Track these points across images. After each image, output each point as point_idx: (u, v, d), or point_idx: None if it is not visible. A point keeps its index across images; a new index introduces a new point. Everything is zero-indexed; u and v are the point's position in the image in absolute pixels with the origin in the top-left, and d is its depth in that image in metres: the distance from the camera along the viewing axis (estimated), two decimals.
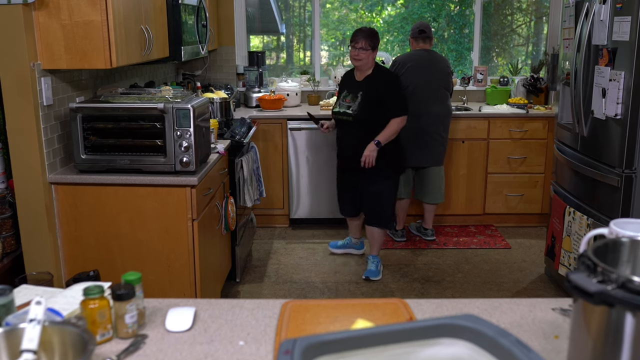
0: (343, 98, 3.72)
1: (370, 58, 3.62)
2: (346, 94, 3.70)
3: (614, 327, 1.00)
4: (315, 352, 1.01)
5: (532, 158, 4.77)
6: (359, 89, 3.64)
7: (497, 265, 4.17)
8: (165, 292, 2.82)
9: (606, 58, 3.09)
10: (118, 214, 2.81)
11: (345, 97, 3.70)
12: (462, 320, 1.08)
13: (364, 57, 3.58)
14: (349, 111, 3.65)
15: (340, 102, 3.71)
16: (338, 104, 3.74)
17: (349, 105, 3.65)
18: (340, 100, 3.72)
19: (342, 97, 3.74)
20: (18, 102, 2.62)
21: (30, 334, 1.12)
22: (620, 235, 1.31)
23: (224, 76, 5.31)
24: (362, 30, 3.63)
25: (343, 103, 3.69)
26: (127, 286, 1.38)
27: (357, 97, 3.62)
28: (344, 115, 3.67)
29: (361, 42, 3.56)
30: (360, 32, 3.61)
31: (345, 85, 3.79)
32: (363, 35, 3.57)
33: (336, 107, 3.75)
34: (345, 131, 3.76)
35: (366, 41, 3.56)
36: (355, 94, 3.65)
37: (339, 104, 3.73)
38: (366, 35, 3.58)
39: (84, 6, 2.61)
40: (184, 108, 2.72)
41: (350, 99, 3.66)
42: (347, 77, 3.86)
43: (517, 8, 5.71)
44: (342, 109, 3.68)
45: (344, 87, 3.79)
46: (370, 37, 3.58)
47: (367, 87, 3.63)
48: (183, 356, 1.32)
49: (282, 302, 1.57)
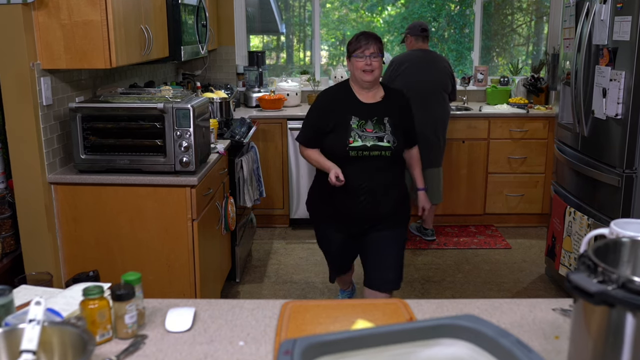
0: (359, 127, 2.70)
1: (381, 67, 2.77)
2: (360, 121, 2.71)
3: (615, 328, 1.00)
4: (315, 352, 1.00)
5: (533, 158, 4.77)
6: (380, 113, 2.74)
7: (498, 265, 4.17)
8: (165, 292, 2.81)
9: (607, 58, 3.08)
10: (118, 214, 2.81)
11: (364, 126, 2.70)
12: (462, 321, 1.08)
13: (378, 66, 2.73)
14: (387, 143, 2.69)
15: (359, 133, 2.69)
16: (356, 135, 2.69)
17: (380, 135, 2.70)
18: (356, 130, 2.70)
19: (355, 126, 2.71)
20: (17, 102, 2.62)
21: (30, 335, 1.12)
22: (621, 235, 1.31)
23: (224, 76, 5.31)
24: (368, 34, 2.78)
25: (366, 134, 2.69)
26: (126, 286, 1.38)
27: (385, 124, 2.73)
28: (378, 150, 2.69)
29: (373, 46, 2.71)
30: (369, 35, 2.76)
31: (346, 110, 2.74)
32: (374, 39, 2.74)
33: (357, 140, 2.69)
34: (369, 171, 2.72)
35: (377, 45, 2.74)
36: (380, 119, 2.73)
37: (357, 135, 2.69)
38: (377, 38, 2.77)
39: (83, 6, 2.60)
40: (183, 108, 2.71)
41: (373, 127, 2.71)
42: (340, 99, 2.80)
43: (518, 8, 5.71)
44: (372, 142, 2.68)
45: (345, 112, 2.74)
46: (379, 40, 2.77)
47: (389, 110, 2.76)
48: (183, 356, 1.31)
49: (282, 302, 1.57)
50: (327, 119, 2.76)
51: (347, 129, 2.71)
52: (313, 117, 2.84)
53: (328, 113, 2.77)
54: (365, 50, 2.73)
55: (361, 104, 2.77)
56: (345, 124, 2.72)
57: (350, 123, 2.72)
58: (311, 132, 2.83)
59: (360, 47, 2.73)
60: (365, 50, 2.73)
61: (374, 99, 2.79)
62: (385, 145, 2.71)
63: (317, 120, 2.81)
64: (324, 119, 2.77)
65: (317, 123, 2.80)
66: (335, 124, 2.74)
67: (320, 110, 2.82)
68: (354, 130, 2.71)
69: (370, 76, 2.72)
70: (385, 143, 2.71)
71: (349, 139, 2.70)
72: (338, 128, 2.73)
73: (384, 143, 2.71)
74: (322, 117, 2.78)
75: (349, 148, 2.70)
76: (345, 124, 2.72)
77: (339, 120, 2.74)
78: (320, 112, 2.81)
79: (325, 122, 2.76)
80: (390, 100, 2.82)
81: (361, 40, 2.75)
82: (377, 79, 2.76)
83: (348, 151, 2.69)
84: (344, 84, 2.86)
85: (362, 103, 2.78)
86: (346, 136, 2.71)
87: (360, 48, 2.73)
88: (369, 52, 2.72)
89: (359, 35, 2.80)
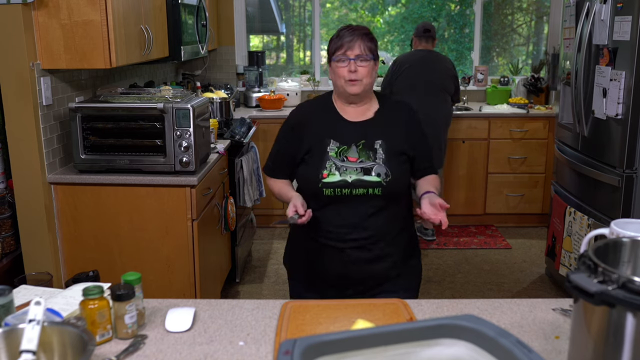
0: (339, 155, 1.97)
1: (373, 74, 2.00)
2: (341, 147, 1.98)
3: (615, 328, 1.00)
4: (315, 352, 1.00)
5: (533, 158, 4.77)
6: (369, 135, 1.99)
7: (498, 265, 4.16)
8: (165, 292, 2.81)
9: (607, 58, 3.08)
10: (118, 214, 2.81)
11: (345, 153, 1.97)
12: (462, 321, 1.08)
13: (366, 73, 1.96)
14: (375, 177, 1.93)
15: (336, 164, 1.95)
16: (332, 166, 1.95)
17: (368, 166, 1.95)
18: (334, 159, 1.96)
19: (334, 153, 1.97)
20: (17, 102, 2.62)
21: (30, 335, 1.12)
22: (621, 235, 1.30)
23: (224, 76, 5.31)
24: (354, 28, 1.99)
25: (347, 165, 1.95)
26: (126, 286, 1.38)
27: (375, 149, 1.97)
28: (363, 186, 1.94)
29: (360, 45, 1.95)
30: (354, 30, 1.98)
31: (323, 132, 2.01)
32: (362, 34, 1.96)
33: (333, 174, 1.95)
34: (353, 218, 1.97)
35: (365, 44, 1.96)
36: (368, 143, 1.98)
37: (333, 166, 1.95)
38: (365, 33, 1.98)
39: (83, 6, 2.60)
40: (183, 108, 2.71)
41: (358, 154, 1.97)
42: (318, 116, 2.07)
43: (518, 7, 5.71)
44: (355, 175, 1.94)
45: (322, 134, 2.01)
46: (369, 37, 1.99)
47: (384, 129, 2.01)
48: (183, 356, 1.31)
49: (282, 302, 1.57)
50: (298, 142, 2.03)
51: (322, 157, 1.97)
52: (280, 140, 2.14)
53: (300, 135, 2.04)
54: (347, 50, 1.94)
55: (344, 123, 2.02)
56: (321, 150, 1.98)
57: (326, 149, 1.98)
58: (278, 158, 2.13)
59: (342, 47, 1.95)
60: (347, 50, 1.94)
61: (363, 116, 2.03)
62: (373, 180, 1.93)
63: (285, 143, 2.10)
64: (294, 143, 2.04)
65: (285, 147, 2.10)
66: (308, 150, 2.01)
67: (290, 131, 2.10)
68: (330, 160, 1.96)
69: (356, 87, 1.95)
70: (373, 177, 1.93)
71: (322, 172, 1.95)
72: (311, 156, 2.00)
73: (371, 177, 1.93)
74: (292, 140, 2.06)
75: (322, 184, 1.93)
76: (321, 150, 1.98)
77: (313, 145, 2.01)
78: (290, 134, 2.09)
79: (296, 147, 2.04)
80: (387, 115, 2.05)
81: (344, 36, 1.96)
82: (367, 90, 1.99)
83: (321, 189, 1.94)
84: (326, 96, 2.13)
85: (346, 122, 2.02)
86: (319, 167, 1.96)
87: (342, 48, 1.95)
88: (353, 53, 1.94)
89: (342, 29, 2.00)
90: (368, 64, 1.96)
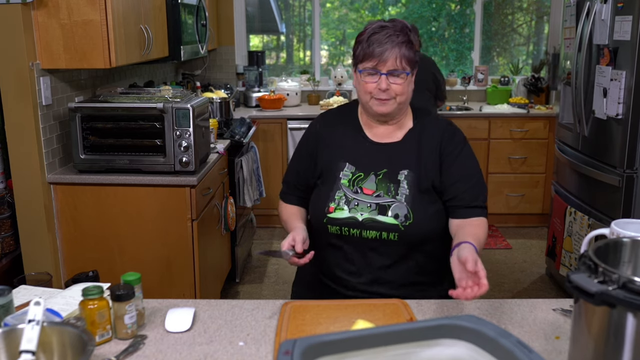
0: (352, 184, 1.64)
1: (409, 89, 1.64)
2: (357, 174, 1.65)
3: (615, 328, 1.00)
4: (315, 352, 1.00)
5: (533, 158, 4.76)
6: (393, 162, 1.65)
7: (498, 265, 4.16)
8: (165, 292, 2.81)
9: (607, 57, 3.08)
10: (117, 214, 2.80)
11: (360, 183, 1.64)
12: (462, 321, 1.08)
13: (402, 91, 1.59)
14: (391, 219, 1.60)
15: (347, 195, 1.63)
16: (342, 198, 1.63)
17: (385, 202, 1.61)
18: (345, 189, 1.64)
19: (346, 181, 1.65)
20: (17, 102, 2.62)
21: (29, 335, 1.11)
22: (621, 235, 1.30)
23: (224, 76, 5.31)
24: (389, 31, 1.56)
25: (360, 198, 1.63)
26: (126, 286, 1.37)
27: (399, 182, 1.62)
28: (375, 229, 1.60)
29: (394, 58, 1.55)
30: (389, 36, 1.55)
31: (339, 151, 1.69)
32: (397, 44, 1.56)
33: (341, 208, 1.62)
34: (363, 264, 1.66)
35: (402, 54, 1.56)
36: (391, 173, 1.64)
37: (344, 198, 1.63)
38: (401, 42, 1.56)
39: (83, 5, 2.60)
40: (183, 108, 2.71)
41: (377, 186, 1.63)
42: (337, 130, 1.72)
43: (518, 7, 5.70)
44: (368, 213, 1.61)
45: (337, 154, 1.69)
46: (408, 44, 1.58)
47: (415, 156, 1.65)
48: (182, 357, 1.31)
49: (282, 302, 1.57)
50: (311, 162, 1.71)
51: (332, 185, 1.65)
52: (294, 156, 1.81)
53: (314, 153, 1.71)
54: (379, 64, 1.55)
55: (366, 143, 1.68)
56: (332, 176, 1.66)
57: (339, 175, 1.65)
58: (289, 178, 1.81)
59: (372, 58, 1.56)
60: (379, 64, 1.55)
61: (389, 137, 1.67)
62: (388, 222, 1.58)
63: (297, 161, 1.78)
64: (308, 162, 1.73)
65: (297, 166, 1.78)
66: (320, 173, 1.69)
67: (304, 147, 1.76)
68: (341, 189, 1.63)
69: (386, 107, 1.60)
70: (388, 218, 1.58)
71: (329, 204, 1.63)
72: (322, 182, 1.68)
73: (386, 218, 1.59)
74: (306, 159, 1.74)
75: (327, 220, 1.62)
76: (332, 176, 1.66)
77: (324, 167, 1.68)
78: (305, 150, 1.75)
79: (309, 167, 1.72)
80: (421, 138, 1.66)
81: (375, 43, 1.54)
82: (400, 108, 1.63)
83: (326, 225, 1.63)
84: (351, 106, 1.77)
85: (368, 142, 1.68)
86: (326, 199, 1.64)
87: (371, 59, 1.56)
88: (385, 67, 1.55)
89: (373, 30, 1.57)
90: (405, 79, 1.57)
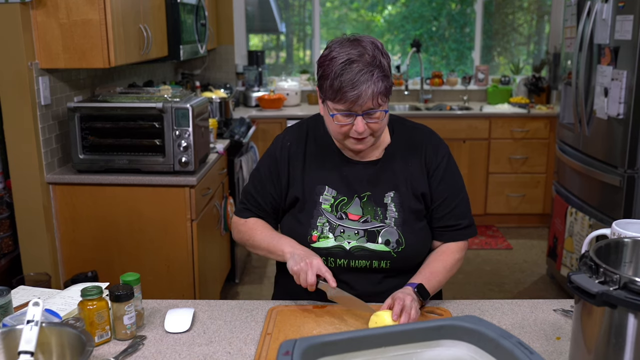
0: (335, 210, 1.52)
1: (387, 120, 1.48)
2: (339, 198, 1.53)
3: (616, 328, 1.00)
4: (315, 353, 0.99)
5: (534, 158, 4.76)
6: (378, 182, 1.54)
7: (499, 266, 4.16)
8: (164, 293, 2.80)
9: (608, 57, 3.07)
10: (116, 214, 2.80)
11: (344, 208, 1.52)
12: (463, 322, 1.07)
13: (376, 127, 1.44)
14: (383, 247, 1.50)
15: (331, 222, 1.51)
16: (325, 225, 1.51)
17: (374, 228, 1.51)
18: (328, 215, 1.52)
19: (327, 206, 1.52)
20: (16, 102, 2.61)
21: (28, 336, 1.11)
22: (622, 235, 1.30)
23: (223, 75, 5.30)
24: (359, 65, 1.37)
25: (345, 225, 1.51)
26: (125, 287, 1.37)
27: (385, 205, 1.52)
28: (366, 257, 1.50)
29: (370, 98, 1.37)
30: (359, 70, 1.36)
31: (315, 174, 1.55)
32: (371, 81, 1.36)
33: (325, 236, 1.50)
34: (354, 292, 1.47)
35: (378, 90, 1.38)
36: (377, 195, 1.53)
37: (327, 225, 1.51)
38: (377, 78, 1.37)
39: (82, 5, 2.59)
40: (182, 107, 2.70)
41: (362, 209, 1.52)
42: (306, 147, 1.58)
43: (519, 7, 5.70)
44: (355, 241, 1.50)
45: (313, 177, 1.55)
46: (383, 74, 1.39)
47: (400, 173, 1.55)
48: (182, 357, 1.31)
49: (282, 302, 1.56)
50: (284, 183, 1.56)
51: (312, 211, 1.52)
52: (257, 175, 1.61)
53: (287, 172, 1.56)
54: (355, 106, 1.38)
55: (345, 162, 1.55)
56: (311, 201, 1.52)
57: (319, 200, 1.52)
58: (256, 196, 1.60)
59: (343, 100, 1.38)
60: (355, 106, 1.38)
61: (369, 155, 1.55)
62: (379, 249, 1.49)
63: (260, 182, 1.60)
64: (277, 183, 1.57)
65: (263, 186, 1.59)
66: (295, 197, 1.54)
67: (275, 164, 1.58)
68: (323, 215, 1.51)
69: (364, 144, 1.47)
70: (379, 245, 1.49)
71: (312, 233, 1.51)
72: (300, 209, 1.54)
73: (376, 245, 1.49)
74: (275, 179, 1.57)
75: (317, 249, 1.50)
76: (311, 201, 1.52)
77: (299, 192, 1.54)
78: (275, 168, 1.58)
79: (278, 189, 1.57)
80: (401, 152, 1.55)
81: (345, 87, 1.36)
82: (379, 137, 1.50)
83: (322, 253, 1.50)
84: (318, 119, 1.60)
85: (347, 161, 1.55)
86: (307, 226, 1.51)
87: (343, 101, 1.38)
88: (362, 109, 1.39)
89: (342, 70, 1.37)
90: (380, 117, 1.41)
